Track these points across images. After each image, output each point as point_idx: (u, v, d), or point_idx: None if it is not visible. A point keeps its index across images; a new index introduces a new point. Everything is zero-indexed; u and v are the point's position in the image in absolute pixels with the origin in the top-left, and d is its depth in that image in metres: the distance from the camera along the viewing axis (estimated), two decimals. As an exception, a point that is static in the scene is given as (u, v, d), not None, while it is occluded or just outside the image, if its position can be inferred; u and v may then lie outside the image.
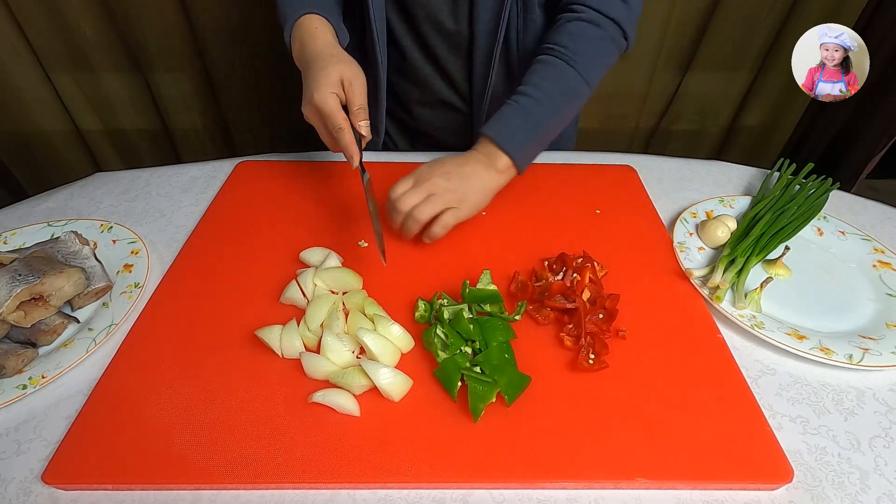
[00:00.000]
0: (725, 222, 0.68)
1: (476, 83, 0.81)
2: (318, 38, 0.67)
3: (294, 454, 0.46)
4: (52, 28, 1.28)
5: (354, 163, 0.62)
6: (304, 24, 0.68)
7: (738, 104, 1.53)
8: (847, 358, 0.54)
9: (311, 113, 0.64)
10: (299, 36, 0.68)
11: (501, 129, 0.68)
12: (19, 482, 0.45)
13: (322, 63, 0.63)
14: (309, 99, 0.63)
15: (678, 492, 0.45)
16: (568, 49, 0.68)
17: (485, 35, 0.75)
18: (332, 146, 0.66)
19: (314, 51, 0.65)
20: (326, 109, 0.62)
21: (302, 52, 0.67)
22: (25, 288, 0.54)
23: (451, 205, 0.64)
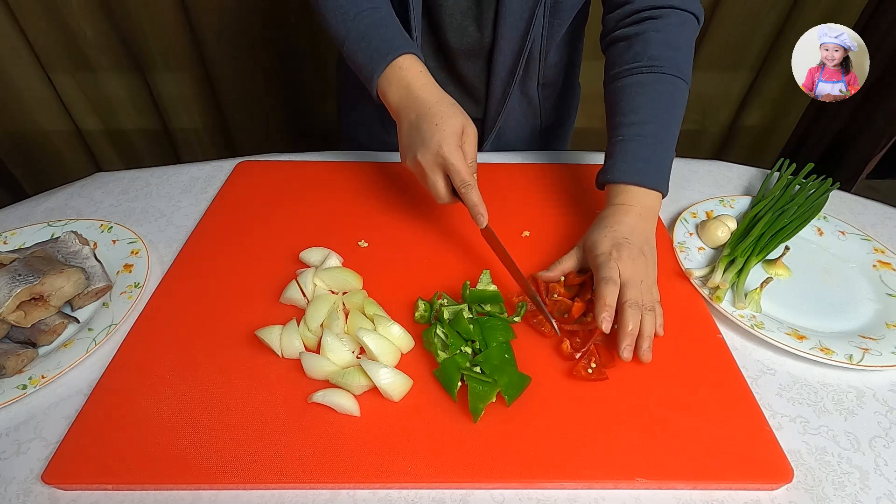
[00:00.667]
0: (725, 222, 0.68)
1: (494, 89, 0.80)
2: (426, 82, 0.63)
3: (294, 454, 0.46)
4: (52, 28, 1.28)
5: (485, 221, 0.61)
6: (404, 66, 0.63)
7: (738, 104, 1.53)
8: (847, 358, 0.54)
9: (429, 165, 0.60)
10: (400, 80, 0.63)
11: (649, 171, 0.63)
12: (19, 482, 0.45)
13: (441, 113, 0.61)
14: (434, 150, 0.59)
15: (678, 492, 0.45)
16: (667, 59, 0.65)
17: (509, 42, 0.74)
18: (444, 200, 0.63)
19: (428, 98, 0.62)
20: (455, 164, 0.59)
21: (409, 97, 0.62)
22: (25, 288, 0.54)
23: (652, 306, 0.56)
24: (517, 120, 0.86)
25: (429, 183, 0.62)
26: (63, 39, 1.30)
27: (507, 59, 0.76)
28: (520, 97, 0.83)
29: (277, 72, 1.42)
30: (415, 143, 0.61)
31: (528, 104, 0.85)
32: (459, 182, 0.60)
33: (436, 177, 0.61)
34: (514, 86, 0.78)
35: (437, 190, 0.62)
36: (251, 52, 1.38)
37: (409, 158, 0.62)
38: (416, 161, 0.61)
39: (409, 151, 0.62)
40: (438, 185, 0.61)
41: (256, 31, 1.34)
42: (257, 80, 1.43)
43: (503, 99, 0.80)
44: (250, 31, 1.34)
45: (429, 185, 0.62)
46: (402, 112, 0.63)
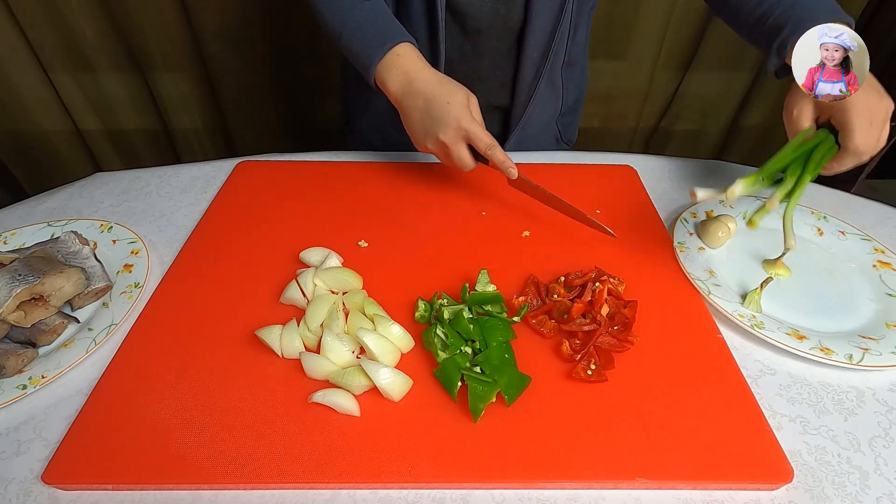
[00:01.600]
0: (725, 222, 0.68)
1: (524, 73, 0.79)
2: (426, 68, 0.67)
3: (294, 454, 0.46)
4: (52, 28, 1.28)
5: (516, 173, 0.67)
6: (402, 54, 0.66)
7: (738, 104, 1.53)
8: (847, 358, 0.54)
9: (453, 140, 0.65)
10: (400, 68, 0.66)
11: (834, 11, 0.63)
12: (19, 482, 0.45)
13: (447, 92, 0.65)
14: (455, 126, 0.64)
15: (678, 492, 0.45)
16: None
17: (543, 21, 0.74)
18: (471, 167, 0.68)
19: (431, 82, 0.66)
20: (476, 131, 0.64)
21: (411, 84, 0.66)
22: (25, 288, 0.54)
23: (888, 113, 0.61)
24: (543, 107, 0.86)
25: (454, 156, 0.66)
26: (63, 39, 1.30)
27: (540, 39, 0.75)
28: (547, 81, 0.82)
29: (277, 72, 1.42)
30: (432, 125, 0.65)
31: (553, 87, 0.84)
32: (484, 146, 0.65)
33: (460, 149, 0.66)
34: (546, 67, 0.78)
35: (464, 160, 0.67)
36: (251, 52, 1.38)
37: (431, 140, 0.66)
38: (439, 141, 0.65)
39: (428, 134, 0.66)
40: (465, 156, 0.66)
41: (256, 31, 1.34)
42: (257, 80, 1.43)
43: (534, 82, 0.80)
44: (250, 30, 1.34)
45: (454, 158, 0.66)
46: (406, 100, 0.66)
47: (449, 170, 0.82)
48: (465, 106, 0.65)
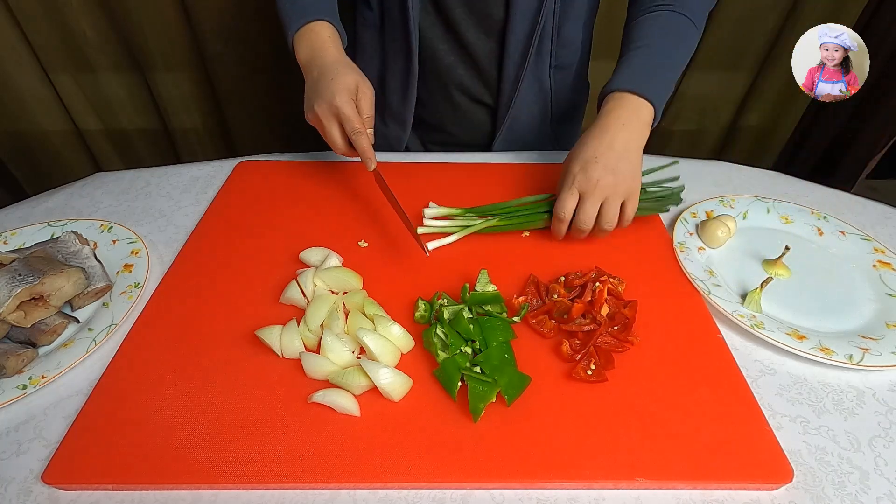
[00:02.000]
0: (725, 222, 0.68)
1: (507, 71, 0.80)
2: (330, 46, 0.69)
3: (294, 454, 0.46)
4: (52, 28, 1.28)
5: (372, 165, 0.67)
6: (315, 30, 0.69)
7: (738, 104, 1.53)
8: (847, 358, 0.54)
9: (325, 114, 0.66)
10: (309, 41, 0.69)
11: (636, 78, 0.66)
12: (19, 482, 0.45)
13: (337, 70, 0.67)
14: (328, 100, 0.65)
15: (678, 492, 0.45)
16: (676, 2, 0.69)
17: (522, 18, 0.74)
18: (341, 149, 0.68)
19: (328, 58, 0.68)
20: (347, 112, 0.65)
21: (313, 57, 0.69)
22: (25, 288, 0.54)
23: (625, 196, 0.62)
24: (529, 108, 0.85)
25: (326, 132, 0.67)
26: (63, 39, 1.30)
27: (520, 38, 0.76)
28: (532, 81, 0.82)
29: (277, 72, 1.41)
30: (313, 96, 0.67)
31: (540, 88, 0.84)
32: (350, 129, 0.65)
33: (332, 126, 0.66)
34: (528, 67, 0.78)
35: (334, 138, 0.67)
36: (251, 52, 1.38)
37: (309, 111, 0.68)
38: (314, 112, 0.67)
39: (309, 104, 0.68)
40: (335, 134, 0.67)
41: (256, 31, 1.34)
42: (257, 80, 1.43)
43: (516, 82, 0.80)
44: (250, 30, 1.34)
45: (326, 134, 0.68)
46: (306, 70, 0.70)
47: (449, 169, 0.83)
48: (347, 88, 0.65)
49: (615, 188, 0.62)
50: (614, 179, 0.62)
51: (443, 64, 0.82)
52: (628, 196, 0.63)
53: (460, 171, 0.82)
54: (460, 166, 0.83)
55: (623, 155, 0.63)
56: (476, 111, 0.87)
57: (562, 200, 0.64)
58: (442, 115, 0.89)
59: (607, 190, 0.62)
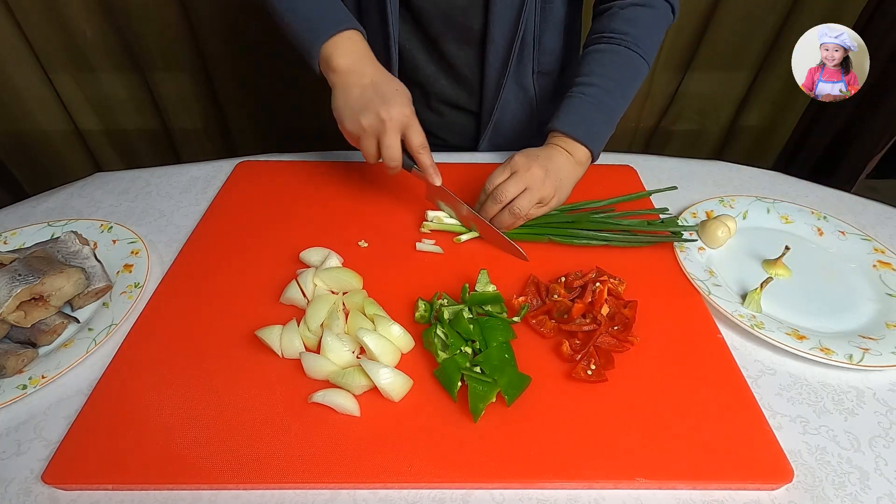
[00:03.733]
0: (725, 222, 0.68)
1: (489, 79, 0.80)
2: (373, 55, 0.67)
3: (294, 454, 0.46)
4: (52, 28, 1.28)
5: (440, 180, 0.66)
6: (353, 38, 0.66)
7: (738, 104, 1.53)
8: (847, 358, 0.54)
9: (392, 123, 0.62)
10: (350, 49, 0.65)
11: (577, 122, 0.69)
12: (19, 482, 0.45)
13: (396, 83, 0.65)
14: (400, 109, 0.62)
15: (678, 492, 0.45)
16: (628, 35, 0.70)
17: (501, 29, 0.74)
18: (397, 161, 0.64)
19: (378, 68, 0.66)
20: (417, 124, 0.64)
21: (359, 64, 0.65)
22: (25, 288, 0.54)
23: (542, 199, 0.65)
24: (513, 112, 0.86)
25: (386, 143, 0.62)
26: (63, 39, 1.30)
27: (501, 46, 0.76)
28: (514, 87, 0.82)
29: (277, 72, 1.41)
30: (375, 100, 0.62)
31: (524, 95, 0.84)
32: (419, 143, 0.63)
33: (394, 135, 0.62)
34: (509, 74, 0.78)
35: (394, 150, 0.63)
36: (251, 52, 1.38)
37: (370, 116, 0.62)
38: (378, 118, 0.61)
39: (367, 109, 0.62)
40: (395, 145, 0.63)
41: (256, 31, 1.34)
42: (257, 79, 1.43)
43: (498, 89, 0.80)
44: (250, 30, 1.34)
45: (385, 145, 0.63)
46: (351, 75, 0.64)
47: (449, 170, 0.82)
48: (410, 100, 0.65)
49: (542, 184, 0.65)
50: (544, 178, 0.65)
51: (424, 74, 0.82)
52: (544, 200, 0.66)
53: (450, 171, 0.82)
54: (450, 166, 0.83)
55: (558, 172, 0.67)
56: (460, 118, 0.88)
57: (494, 173, 0.67)
58: (427, 122, 0.89)
59: (535, 180, 0.64)
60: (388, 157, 0.64)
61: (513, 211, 0.64)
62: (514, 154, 0.67)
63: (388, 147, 0.63)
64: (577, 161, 0.69)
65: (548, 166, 0.66)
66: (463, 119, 0.88)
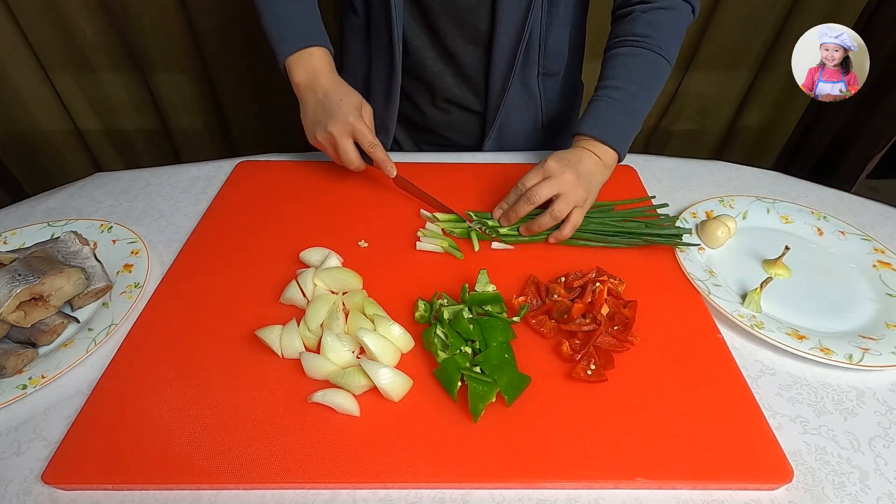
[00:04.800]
0: (725, 222, 0.68)
1: (494, 80, 0.80)
2: (328, 70, 0.74)
3: (294, 454, 0.46)
4: (52, 28, 1.28)
5: (394, 171, 0.72)
6: (313, 54, 0.73)
7: (738, 104, 1.53)
8: (847, 358, 0.54)
9: (340, 133, 0.69)
10: (307, 66, 0.73)
11: (605, 127, 0.70)
12: (19, 482, 0.45)
13: (344, 92, 0.72)
14: (342, 119, 0.69)
15: (678, 492, 0.45)
16: (651, 38, 0.71)
17: (508, 30, 0.75)
18: (356, 164, 0.72)
19: (329, 83, 0.73)
20: (362, 128, 0.70)
21: (313, 81, 0.73)
22: (25, 288, 0.54)
23: (578, 202, 0.66)
24: (518, 113, 0.86)
25: (341, 150, 0.71)
26: (63, 39, 1.30)
27: (506, 47, 0.76)
28: (520, 88, 0.83)
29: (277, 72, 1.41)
30: (323, 117, 0.71)
31: (529, 95, 0.84)
32: (367, 143, 0.70)
33: (347, 143, 0.70)
34: (514, 75, 0.79)
35: (350, 155, 0.71)
36: (251, 52, 1.37)
37: (321, 131, 0.71)
38: (327, 133, 0.70)
39: (318, 125, 0.71)
40: (350, 151, 0.71)
41: (256, 31, 1.33)
42: (257, 79, 1.43)
43: (503, 90, 0.81)
44: (250, 30, 1.34)
45: (341, 152, 0.71)
46: (306, 91, 0.73)
47: (450, 169, 0.83)
48: (355, 107, 0.70)
49: (574, 189, 0.66)
50: (576, 182, 0.66)
51: (430, 72, 0.82)
52: (579, 204, 0.66)
53: (453, 171, 0.82)
54: (453, 166, 0.83)
55: (589, 176, 0.68)
56: (465, 117, 0.88)
57: (528, 175, 0.68)
58: (433, 120, 0.90)
59: (567, 185, 0.65)
60: (346, 162, 0.72)
61: (553, 214, 0.65)
62: (547, 158, 0.68)
63: (343, 154, 0.71)
64: (605, 164, 0.71)
65: (579, 170, 0.67)
66: (468, 119, 0.88)
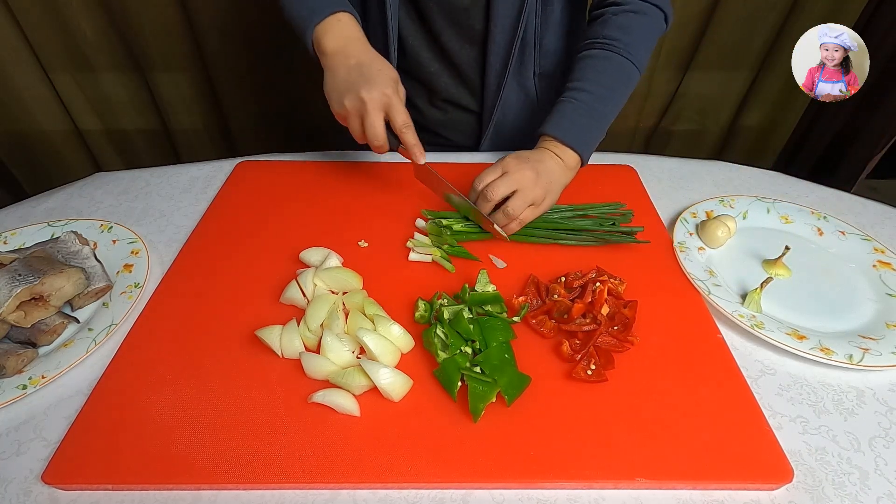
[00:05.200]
0: (725, 222, 0.68)
1: (490, 79, 0.81)
2: (362, 36, 0.68)
3: (294, 454, 0.46)
4: (52, 28, 1.28)
5: (424, 159, 0.67)
6: (343, 20, 0.67)
7: (738, 104, 1.53)
8: (847, 358, 0.54)
9: (373, 103, 0.63)
10: (338, 31, 0.67)
11: (568, 128, 0.70)
12: (19, 482, 0.45)
13: (381, 61, 0.66)
14: (380, 90, 0.63)
15: (678, 492, 0.45)
16: (619, 41, 0.71)
17: (503, 30, 0.75)
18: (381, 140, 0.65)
19: (364, 49, 0.67)
20: (398, 103, 0.64)
21: (346, 46, 0.67)
22: (25, 288, 0.54)
23: (535, 201, 0.65)
24: (515, 113, 0.86)
25: (368, 122, 0.64)
26: (63, 39, 1.30)
27: (501, 46, 0.76)
28: (516, 88, 0.83)
29: (277, 72, 1.41)
30: (358, 82, 0.63)
31: (525, 95, 0.85)
32: (401, 122, 0.64)
33: (377, 116, 0.64)
34: (509, 74, 0.79)
35: (376, 129, 0.64)
36: (251, 52, 1.37)
37: (352, 97, 0.64)
38: (359, 98, 0.63)
39: (350, 90, 0.64)
40: (378, 125, 0.64)
41: (256, 31, 1.34)
42: (257, 79, 1.43)
43: (498, 89, 0.81)
44: (250, 30, 1.34)
45: (367, 124, 0.64)
46: (337, 57, 0.66)
47: (450, 169, 0.82)
48: (394, 80, 0.65)
49: (533, 185, 0.65)
50: (534, 180, 0.65)
51: (427, 71, 0.83)
52: (536, 202, 0.66)
53: (451, 170, 0.82)
54: (451, 166, 0.83)
55: (549, 175, 0.67)
56: (462, 116, 0.88)
57: (484, 172, 0.67)
58: (430, 119, 0.90)
59: (526, 182, 0.64)
60: (372, 136, 0.65)
61: (507, 212, 0.64)
62: (506, 155, 0.68)
63: (370, 126, 0.64)
64: (567, 165, 0.70)
65: (538, 168, 0.66)
66: (465, 118, 0.88)
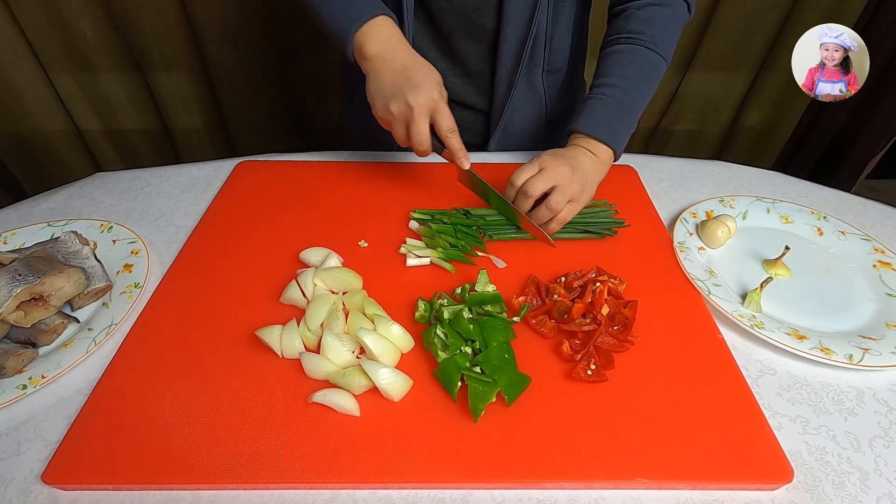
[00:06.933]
0: (725, 222, 0.68)
1: (500, 78, 0.80)
2: (405, 41, 0.69)
3: (294, 454, 0.46)
4: (52, 28, 1.28)
5: (468, 163, 0.67)
6: (385, 24, 0.67)
7: (738, 104, 1.53)
8: (847, 358, 0.54)
9: (420, 107, 0.63)
10: (382, 35, 0.66)
11: (600, 125, 0.70)
12: (19, 482, 0.45)
13: (427, 66, 0.66)
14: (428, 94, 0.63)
15: (678, 492, 0.45)
16: (644, 34, 0.71)
17: (514, 28, 0.75)
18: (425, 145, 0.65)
19: (409, 53, 0.67)
20: (444, 109, 0.65)
21: (392, 50, 0.66)
22: (25, 288, 0.54)
23: (572, 197, 0.66)
24: (523, 111, 0.86)
25: (414, 128, 0.64)
26: (63, 39, 1.30)
27: (513, 45, 0.76)
28: (525, 86, 0.83)
29: (277, 71, 1.42)
30: (405, 87, 0.63)
31: (534, 93, 0.84)
32: (447, 127, 0.65)
33: (423, 121, 0.64)
34: (520, 73, 0.79)
35: (422, 135, 0.64)
36: (251, 52, 1.38)
37: (398, 102, 0.63)
38: (406, 104, 0.63)
39: (396, 95, 0.64)
40: (424, 130, 0.64)
41: (256, 31, 1.34)
42: (257, 80, 1.43)
43: (509, 88, 0.81)
44: (250, 30, 1.34)
45: (413, 130, 0.64)
46: (382, 61, 0.66)
47: (449, 169, 0.82)
48: (440, 84, 0.65)
49: (569, 182, 0.65)
50: (571, 175, 0.65)
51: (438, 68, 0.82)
52: (574, 198, 0.66)
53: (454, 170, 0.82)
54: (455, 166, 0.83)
55: (584, 171, 0.67)
56: (470, 116, 0.88)
57: (522, 168, 0.67)
58: None
59: (563, 178, 0.65)
60: (417, 142, 0.65)
61: (549, 206, 0.64)
62: (542, 153, 0.69)
63: (416, 133, 0.64)
64: (601, 161, 0.71)
65: (573, 165, 0.66)
66: (473, 118, 0.88)
